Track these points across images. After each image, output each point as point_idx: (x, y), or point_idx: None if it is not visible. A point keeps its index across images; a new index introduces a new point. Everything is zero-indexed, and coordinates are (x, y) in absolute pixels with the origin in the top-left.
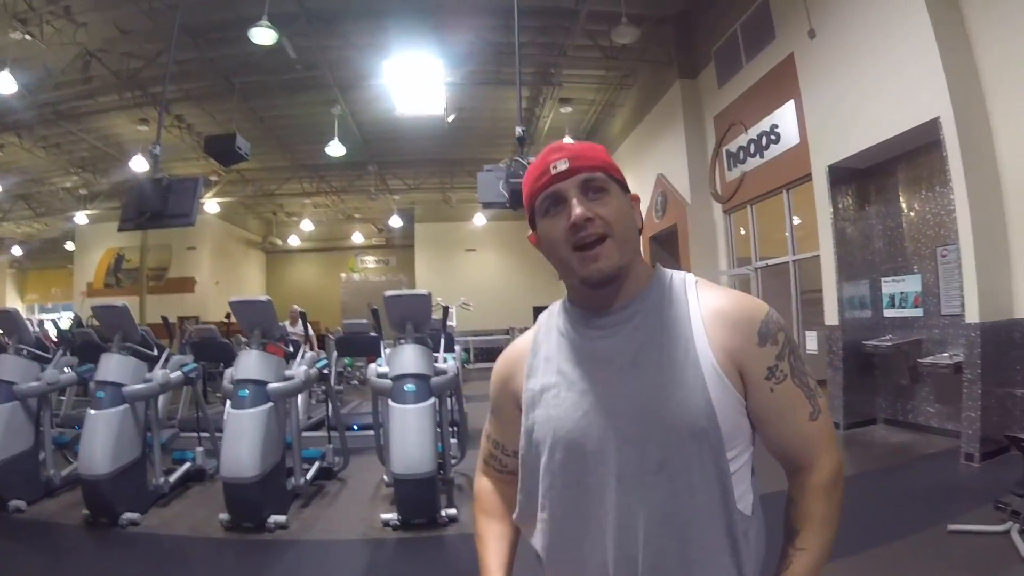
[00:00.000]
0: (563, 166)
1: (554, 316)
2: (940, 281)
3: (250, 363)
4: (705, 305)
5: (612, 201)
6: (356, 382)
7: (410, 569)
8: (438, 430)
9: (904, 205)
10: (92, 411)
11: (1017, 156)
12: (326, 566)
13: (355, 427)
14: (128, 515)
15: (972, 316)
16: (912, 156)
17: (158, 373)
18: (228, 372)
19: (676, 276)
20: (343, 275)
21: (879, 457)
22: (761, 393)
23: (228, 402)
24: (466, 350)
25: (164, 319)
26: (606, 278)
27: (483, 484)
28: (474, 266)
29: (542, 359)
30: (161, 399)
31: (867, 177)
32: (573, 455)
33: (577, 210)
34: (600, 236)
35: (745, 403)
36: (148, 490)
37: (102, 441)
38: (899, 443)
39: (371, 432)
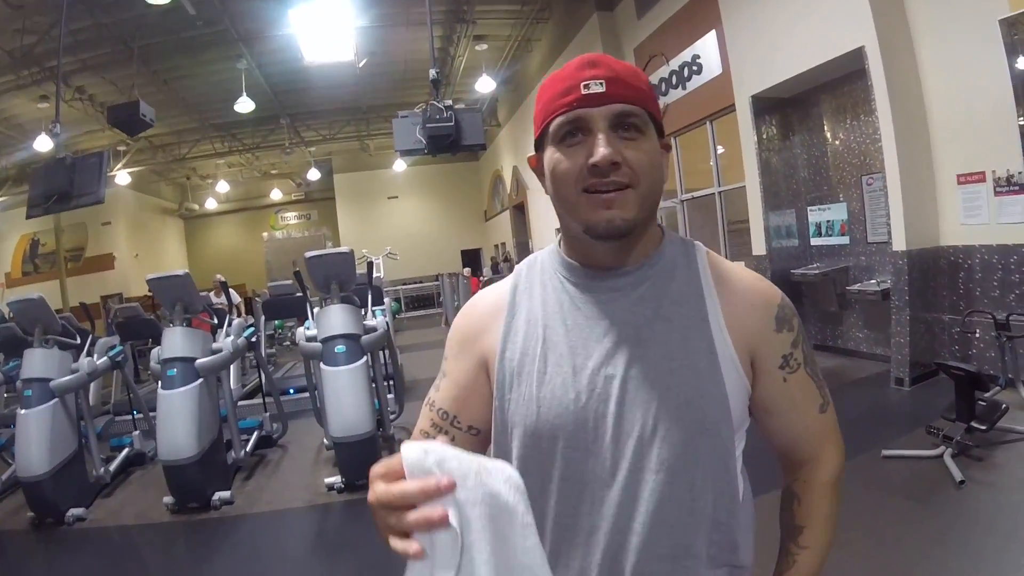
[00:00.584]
0: (598, 88)
1: (536, 269)
2: (866, 209)
3: (175, 341)
4: (720, 281)
5: (645, 145)
6: (288, 343)
7: (357, 531)
8: (373, 387)
9: (829, 134)
10: (22, 411)
11: (942, 84)
12: (275, 537)
13: (291, 391)
14: (73, 511)
15: (899, 244)
16: (836, 85)
17: (84, 362)
18: (155, 352)
19: (686, 243)
20: (265, 234)
21: None
22: (773, 383)
23: (159, 383)
24: (396, 300)
25: (82, 305)
26: (616, 231)
27: None
28: (398, 213)
29: (523, 321)
30: (92, 386)
31: (791, 107)
32: (558, 445)
33: (603, 149)
34: (622, 186)
35: (751, 392)
36: (90, 482)
37: (36, 440)
38: (830, 368)
39: (308, 394)
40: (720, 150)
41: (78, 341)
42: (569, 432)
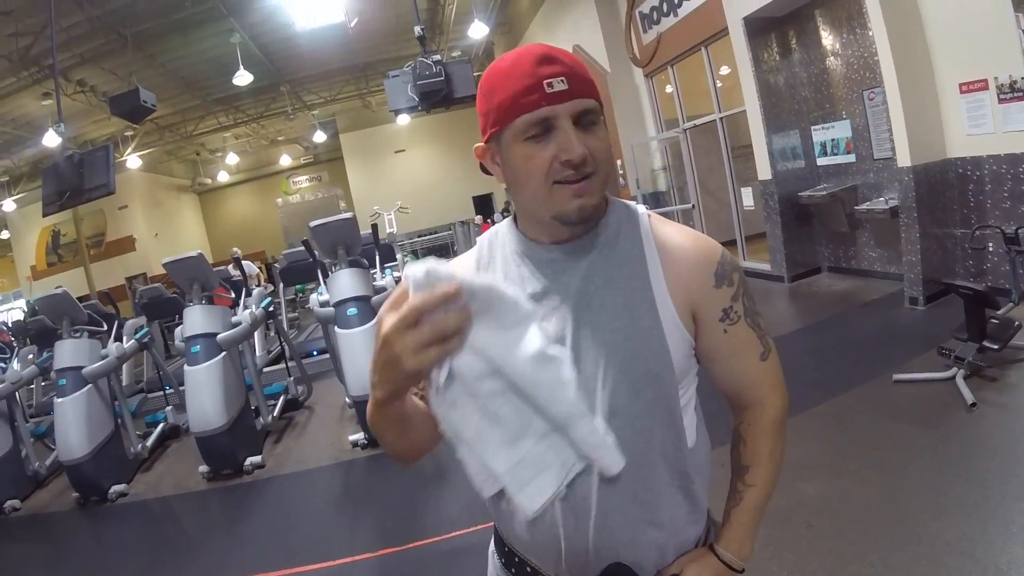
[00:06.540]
0: (561, 86)
1: (498, 244)
2: (870, 125)
3: (195, 319)
4: (661, 244)
5: (601, 133)
6: (309, 306)
7: (380, 484)
8: None
9: (826, 51)
10: (58, 399)
11: None
12: (305, 495)
13: (314, 352)
14: (115, 488)
15: (904, 160)
16: None
17: (112, 347)
18: (178, 330)
19: (629, 208)
20: (279, 200)
21: (825, 307)
22: (714, 334)
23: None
24: (413, 253)
25: (105, 293)
26: (587, 217)
27: None
28: (406, 166)
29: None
30: (124, 367)
31: (786, 25)
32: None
33: (579, 148)
34: (589, 175)
35: (695, 343)
36: (129, 459)
37: (74, 426)
38: (844, 290)
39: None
40: (725, 70)
41: (104, 328)
42: None
